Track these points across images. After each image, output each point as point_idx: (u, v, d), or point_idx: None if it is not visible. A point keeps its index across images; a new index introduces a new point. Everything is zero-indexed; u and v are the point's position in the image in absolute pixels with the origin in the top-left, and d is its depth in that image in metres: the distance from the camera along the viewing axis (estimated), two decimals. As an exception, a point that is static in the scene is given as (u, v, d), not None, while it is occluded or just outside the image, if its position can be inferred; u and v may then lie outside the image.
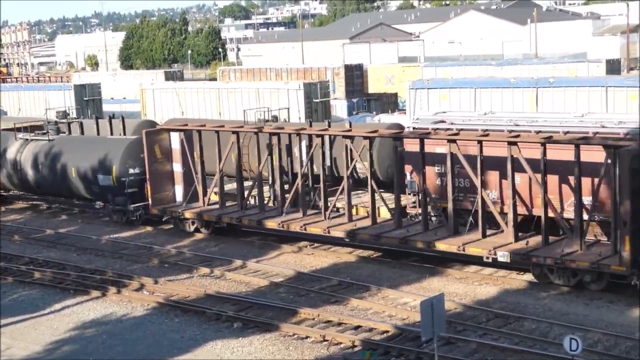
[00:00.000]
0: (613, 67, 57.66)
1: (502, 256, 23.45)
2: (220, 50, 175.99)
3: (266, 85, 53.93)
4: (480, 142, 24.64)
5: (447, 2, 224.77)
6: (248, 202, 30.81)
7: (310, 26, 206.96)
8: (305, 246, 29.06)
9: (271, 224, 28.76)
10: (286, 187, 30.36)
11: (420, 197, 26.63)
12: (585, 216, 23.48)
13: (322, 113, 50.85)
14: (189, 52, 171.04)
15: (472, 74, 55.86)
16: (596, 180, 23.27)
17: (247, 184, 31.91)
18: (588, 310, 21.49)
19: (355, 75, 63.22)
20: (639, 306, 21.34)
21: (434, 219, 27.39)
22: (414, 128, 29.04)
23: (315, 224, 27.88)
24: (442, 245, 24.84)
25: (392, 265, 26.38)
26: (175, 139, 31.59)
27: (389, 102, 62.51)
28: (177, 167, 31.78)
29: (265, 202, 30.70)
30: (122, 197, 33.19)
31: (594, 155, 22.96)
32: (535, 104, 40.94)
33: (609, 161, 22.20)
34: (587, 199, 23.65)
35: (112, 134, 38.09)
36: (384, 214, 28.49)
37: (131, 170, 33.04)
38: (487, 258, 24.01)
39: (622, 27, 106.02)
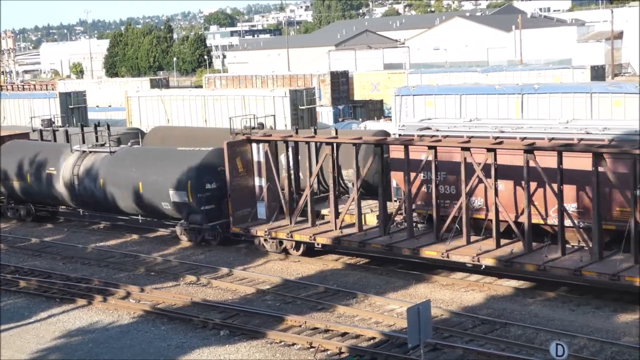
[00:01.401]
0: (597, 73, 58.04)
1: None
2: (205, 57, 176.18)
3: (252, 93, 53.96)
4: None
5: (432, 9, 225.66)
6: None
7: (295, 33, 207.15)
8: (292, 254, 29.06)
9: (376, 245, 26.40)
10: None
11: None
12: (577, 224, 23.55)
13: (308, 120, 50.88)
14: (175, 59, 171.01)
15: (457, 80, 56.10)
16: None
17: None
18: (574, 316, 21.57)
19: (340, 82, 63.37)
20: None
21: (420, 225, 27.49)
22: (399, 135, 29.12)
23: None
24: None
25: (379, 272, 26.41)
26: (259, 151, 29.41)
27: (375, 109, 62.67)
28: (261, 182, 29.41)
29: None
30: (197, 215, 30.54)
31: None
32: (520, 110, 41.03)
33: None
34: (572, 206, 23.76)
35: (97, 141, 37.93)
36: (370, 220, 28.58)
37: (208, 186, 30.22)
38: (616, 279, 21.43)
39: (607, 34, 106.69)
